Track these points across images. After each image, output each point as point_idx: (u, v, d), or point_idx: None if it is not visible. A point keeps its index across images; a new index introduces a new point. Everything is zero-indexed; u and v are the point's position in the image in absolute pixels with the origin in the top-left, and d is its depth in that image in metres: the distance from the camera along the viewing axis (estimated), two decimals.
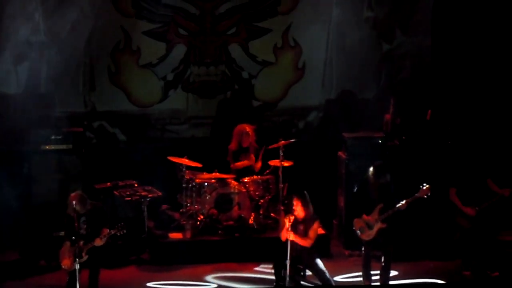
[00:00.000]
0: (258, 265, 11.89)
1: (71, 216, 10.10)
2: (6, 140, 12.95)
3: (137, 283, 11.40)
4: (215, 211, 12.55)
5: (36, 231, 12.15)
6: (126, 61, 14.27)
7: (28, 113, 13.26)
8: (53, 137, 12.54)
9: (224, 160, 12.98)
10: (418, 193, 10.55)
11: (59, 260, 10.30)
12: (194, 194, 12.58)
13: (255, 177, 12.79)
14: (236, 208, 12.56)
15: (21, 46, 13.73)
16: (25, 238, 12.21)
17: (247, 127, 13.01)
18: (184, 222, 12.43)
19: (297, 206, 10.51)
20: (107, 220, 10.31)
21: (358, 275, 11.20)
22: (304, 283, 10.63)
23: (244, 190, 12.61)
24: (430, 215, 12.23)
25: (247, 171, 12.92)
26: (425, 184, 10.55)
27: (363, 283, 10.93)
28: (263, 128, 13.85)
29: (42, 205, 12.22)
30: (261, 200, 12.71)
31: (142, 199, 12.39)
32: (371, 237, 10.66)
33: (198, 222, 12.48)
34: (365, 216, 10.67)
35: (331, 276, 10.61)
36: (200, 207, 12.58)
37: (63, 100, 14.00)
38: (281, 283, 10.40)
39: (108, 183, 12.71)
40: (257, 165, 12.92)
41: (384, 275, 10.72)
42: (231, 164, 12.97)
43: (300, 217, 10.51)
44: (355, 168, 12.30)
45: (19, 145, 12.65)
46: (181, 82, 14.38)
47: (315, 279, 10.63)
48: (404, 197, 10.51)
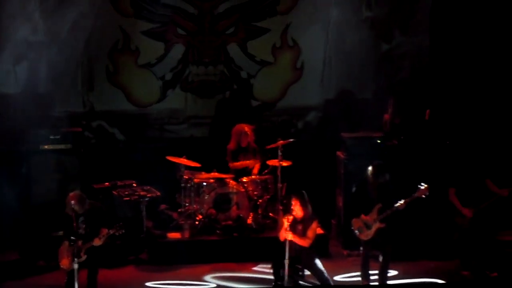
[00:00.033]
0: (257, 265, 11.89)
1: (69, 216, 10.09)
2: (5, 140, 12.96)
3: (136, 283, 11.40)
4: (213, 211, 12.55)
5: (35, 231, 12.13)
6: (125, 61, 14.27)
7: (27, 113, 13.25)
8: (52, 137, 12.52)
9: (222, 160, 12.98)
10: (417, 193, 10.54)
11: (58, 260, 10.30)
12: (192, 194, 12.59)
13: (254, 177, 12.79)
14: (234, 208, 12.55)
15: (20, 46, 13.72)
16: (24, 238, 12.20)
17: (246, 127, 13.01)
18: (183, 222, 12.43)
19: (295, 206, 10.50)
20: (105, 220, 10.30)
21: (356, 275, 11.19)
22: (303, 283, 10.62)
23: (242, 190, 12.61)
24: (429, 215, 12.22)
25: (245, 171, 12.93)
26: (424, 184, 10.55)
27: (361, 283, 10.94)
28: (262, 128, 13.85)
29: (41, 205, 12.20)
30: (260, 200, 12.71)
31: (141, 199, 12.39)
32: (369, 237, 10.65)
33: (197, 222, 12.48)
34: (363, 216, 10.65)
35: (329, 276, 10.61)
36: (198, 207, 12.58)
37: (62, 100, 14.00)
38: (279, 283, 10.40)
39: (107, 183, 12.69)
40: (256, 168, 12.92)
41: (382, 275, 10.72)
42: (230, 163, 12.98)
43: (299, 217, 10.51)
44: (354, 168, 12.28)
45: (18, 145, 12.64)
46: (179, 82, 14.38)
47: (314, 279, 10.63)
48: (402, 197, 10.50)
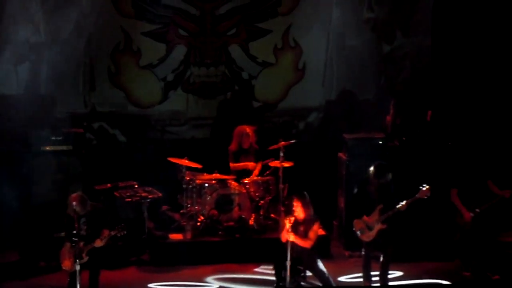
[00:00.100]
0: (259, 266, 11.88)
1: (71, 217, 10.09)
2: (6, 141, 12.94)
3: (138, 284, 11.39)
4: (215, 212, 12.54)
5: (36, 232, 12.11)
6: (126, 62, 14.27)
7: (28, 113, 13.26)
8: (53, 138, 12.52)
9: (224, 161, 12.96)
10: (418, 194, 10.52)
11: (60, 261, 10.30)
12: (194, 195, 12.57)
13: (256, 178, 12.79)
14: (236, 209, 12.55)
15: (21, 47, 13.72)
16: (25, 239, 12.19)
17: (247, 128, 13.00)
18: (185, 223, 12.43)
19: (297, 207, 10.50)
20: (107, 221, 10.29)
21: (358, 276, 11.20)
22: (305, 284, 10.62)
23: (244, 191, 12.60)
24: (430, 215, 12.22)
25: (247, 172, 12.92)
26: (425, 185, 10.55)
27: (363, 284, 10.93)
28: (263, 129, 13.84)
29: (42, 206, 12.19)
30: (262, 201, 12.71)
31: (143, 200, 12.38)
32: (371, 238, 10.64)
33: (199, 223, 12.48)
34: (365, 217, 10.65)
35: (331, 277, 10.60)
36: (200, 208, 12.58)
37: (63, 100, 14.00)
38: (281, 284, 10.39)
39: (109, 184, 12.67)
40: (256, 170, 12.91)
41: (383, 276, 10.71)
42: (230, 164, 12.96)
43: (300, 218, 10.50)
44: (355, 169, 12.27)
45: (19, 145, 12.64)
46: (181, 83, 14.37)
47: (316, 280, 10.63)
48: (404, 198, 10.50)
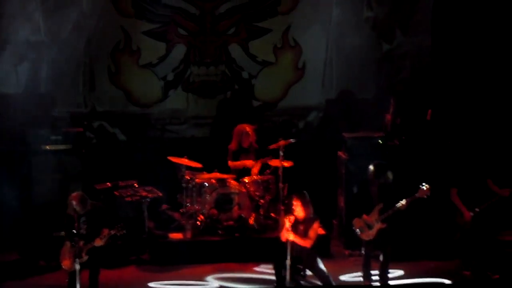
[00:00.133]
0: (258, 265, 11.88)
1: (71, 216, 10.10)
2: (6, 140, 12.93)
3: (137, 283, 11.39)
4: (215, 211, 12.54)
5: (36, 231, 12.12)
6: (126, 61, 14.27)
7: (28, 113, 13.23)
8: (53, 137, 12.52)
9: (224, 160, 12.96)
10: (418, 193, 10.53)
11: (60, 260, 10.30)
12: (194, 194, 12.58)
13: (255, 177, 12.78)
14: (236, 208, 12.55)
15: (21, 46, 13.72)
16: (25, 238, 12.19)
17: (247, 127, 12.99)
18: (184, 222, 12.43)
19: (297, 206, 10.51)
20: (107, 220, 10.30)
21: (358, 275, 11.20)
22: (304, 283, 10.62)
23: (244, 190, 12.60)
24: (430, 215, 12.22)
25: (246, 171, 12.91)
26: (425, 184, 10.55)
27: (363, 283, 10.93)
28: (263, 128, 13.84)
29: (42, 205, 12.20)
30: (261, 200, 12.71)
31: (143, 199, 12.38)
32: (371, 237, 10.65)
33: (198, 222, 12.48)
34: (365, 216, 10.66)
35: (331, 276, 10.60)
36: (200, 207, 12.57)
37: (63, 100, 14.00)
38: (281, 283, 10.39)
39: (108, 183, 12.67)
40: (255, 168, 12.91)
41: (383, 275, 10.72)
42: (229, 162, 12.94)
43: (300, 217, 10.50)
44: (355, 168, 12.29)
45: (19, 145, 12.63)
46: (181, 82, 14.38)
47: (315, 279, 10.63)
48: (404, 197, 10.50)
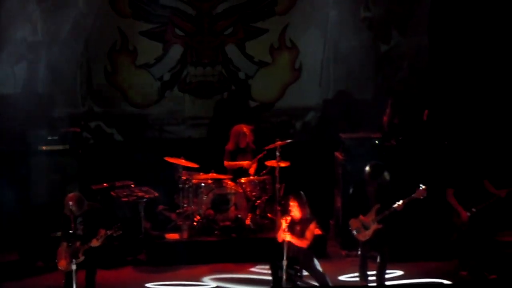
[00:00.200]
0: (255, 265, 11.87)
1: (67, 216, 10.10)
2: (4, 140, 12.94)
3: (134, 284, 11.39)
4: (211, 211, 12.53)
5: (33, 232, 12.11)
6: (123, 62, 14.28)
7: (26, 113, 13.23)
8: (50, 137, 12.51)
9: (221, 161, 12.95)
10: (415, 194, 10.53)
11: (56, 261, 10.30)
12: (190, 194, 12.58)
13: (252, 178, 12.78)
14: (232, 208, 12.54)
15: (19, 46, 13.74)
16: (22, 239, 12.18)
17: (245, 128, 12.98)
18: (181, 222, 12.43)
19: (293, 206, 10.50)
20: (104, 221, 10.29)
21: (355, 276, 11.19)
22: (301, 284, 10.61)
23: (240, 190, 12.60)
24: (427, 215, 12.21)
25: (243, 172, 12.90)
26: (422, 185, 10.55)
27: (359, 284, 10.93)
28: (260, 129, 13.84)
29: (40, 206, 12.18)
30: (258, 201, 12.71)
31: (139, 200, 12.37)
32: (367, 237, 10.64)
33: (195, 223, 12.48)
34: (361, 216, 10.66)
35: (328, 277, 10.60)
36: (196, 207, 12.57)
37: (60, 100, 14.00)
38: (277, 284, 10.39)
39: (105, 184, 12.66)
40: (252, 167, 12.91)
41: (380, 276, 10.72)
42: (225, 162, 12.94)
43: (297, 217, 10.50)
44: (352, 169, 12.26)
45: (16, 145, 12.63)
46: (178, 82, 14.38)
47: (312, 280, 10.63)
48: (401, 198, 10.50)
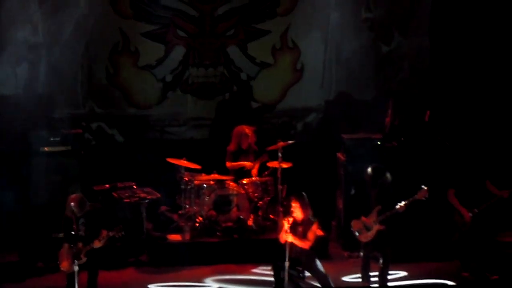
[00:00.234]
0: (257, 267, 11.87)
1: (69, 218, 10.11)
2: (5, 141, 12.94)
3: (136, 285, 11.39)
4: (213, 212, 12.53)
5: (34, 233, 12.11)
6: (125, 63, 14.27)
7: (26, 114, 13.24)
8: (51, 138, 12.52)
9: (223, 162, 12.95)
10: (417, 195, 10.53)
11: (58, 262, 10.30)
12: (192, 195, 12.57)
13: (254, 179, 12.78)
14: (235, 209, 12.55)
15: (20, 47, 13.74)
16: (23, 240, 12.19)
17: (247, 129, 12.98)
18: (183, 223, 12.42)
19: (295, 207, 10.49)
20: (106, 222, 10.29)
21: (357, 277, 11.19)
22: (303, 285, 10.61)
23: (243, 191, 12.60)
24: (429, 216, 12.21)
25: (245, 173, 12.90)
26: (423, 186, 10.54)
27: (362, 285, 10.93)
28: (262, 130, 13.83)
29: (41, 207, 12.19)
30: (260, 202, 12.71)
31: (141, 201, 12.37)
32: (369, 238, 10.63)
33: (197, 224, 12.47)
34: (363, 217, 10.65)
35: (330, 278, 10.59)
36: (199, 208, 12.57)
37: (62, 101, 14.00)
38: (280, 285, 10.39)
39: (107, 185, 12.67)
40: (255, 169, 12.91)
41: (382, 277, 10.71)
42: (227, 163, 12.93)
43: (299, 218, 10.49)
44: (354, 170, 12.27)
45: (18, 146, 12.63)
46: (179, 83, 14.38)
47: (314, 281, 10.63)
48: (402, 199, 10.49)
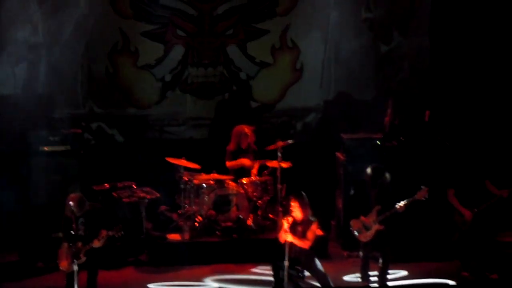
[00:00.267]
0: (257, 266, 11.86)
1: (69, 217, 10.10)
2: (5, 141, 12.96)
3: (136, 285, 11.38)
4: (213, 212, 12.53)
5: (34, 232, 12.11)
6: (124, 62, 14.28)
7: (27, 114, 13.25)
8: (51, 138, 12.52)
9: (222, 162, 12.95)
10: (416, 196, 10.54)
11: (58, 262, 10.30)
12: (192, 195, 12.57)
13: (254, 178, 12.78)
14: (234, 209, 12.54)
15: (20, 48, 13.75)
16: (23, 239, 12.18)
17: (246, 128, 12.98)
18: (182, 223, 12.42)
19: (295, 207, 10.49)
20: (105, 222, 10.29)
21: (356, 276, 11.19)
22: (302, 285, 10.61)
23: (242, 191, 12.60)
24: (429, 216, 12.21)
25: (245, 172, 12.90)
26: (423, 187, 10.54)
27: (361, 284, 10.93)
28: (261, 130, 13.84)
29: (40, 206, 12.19)
30: (259, 201, 12.70)
31: (141, 200, 12.37)
32: (368, 238, 10.65)
33: (196, 223, 12.47)
34: (362, 217, 10.66)
35: (329, 277, 10.59)
36: (198, 208, 12.57)
37: (61, 101, 14.01)
38: (279, 285, 10.38)
39: (106, 185, 12.66)
40: (255, 169, 12.90)
41: (382, 277, 10.73)
42: (227, 162, 12.93)
43: (298, 218, 10.49)
44: (353, 169, 12.27)
45: (18, 146, 12.64)
46: (179, 83, 14.39)
47: (314, 280, 10.63)
48: (402, 198, 10.50)
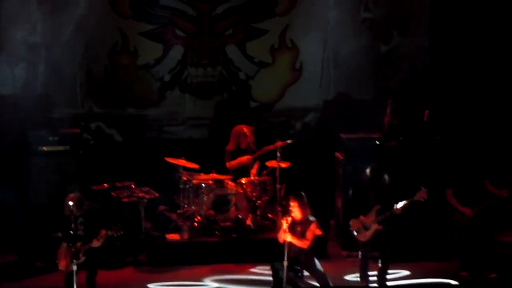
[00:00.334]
0: (256, 266, 11.87)
1: (68, 217, 10.10)
2: (3, 141, 12.96)
3: (135, 285, 11.38)
4: (212, 212, 12.53)
5: (33, 232, 12.11)
6: (124, 62, 14.27)
7: (26, 114, 13.25)
8: (50, 138, 12.52)
9: (221, 161, 12.94)
10: (415, 196, 10.53)
11: (57, 262, 10.29)
12: (191, 195, 12.57)
13: (253, 178, 12.77)
14: (233, 209, 12.54)
15: (19, 47, 13.74)
16: (22, 239, 12.18)
17: (245, 128, 12.97)
18: (181, 223, 12.42)
19: (294, 207, 10.49)
20: (104, 221, 10.29)
21: (356, 276, 11.19)
22: (302, 284, 10.61)
23: (241, 191, 12.59)
24: (428, 216, 12.21)
25: (244, 172, 12.89)
26: (422, 188, 10.54)
27: (360, 284, 10.93)
28: (260, 129, 13.84)
29: (39, 206, 12.19)
30: (259, 201, 12.70)
31: (140, 200, 12.36)
32: (367, 238, 10.66)
33: (196, 223, 12.47)
34: (362, 217, 10.67)
35: (328, 277, 10.59)
36: (197, 208, 12.56)
37: (60, 101, 14.01)
38: (278, 285, 10.38)
39: (105, 184, 12.67)
40: (254, 168, 12.90)
41: (381, 276, 10.73)
42: (227, 163, 12.93)
43: (298, 218, 10.49)
44: (352, 169, 12.28)
45: (17, 146, 12.64)
46: (178, 83, 14.38)
47: (313, 280, 10.63)
48: (401, 198, 10.50)
